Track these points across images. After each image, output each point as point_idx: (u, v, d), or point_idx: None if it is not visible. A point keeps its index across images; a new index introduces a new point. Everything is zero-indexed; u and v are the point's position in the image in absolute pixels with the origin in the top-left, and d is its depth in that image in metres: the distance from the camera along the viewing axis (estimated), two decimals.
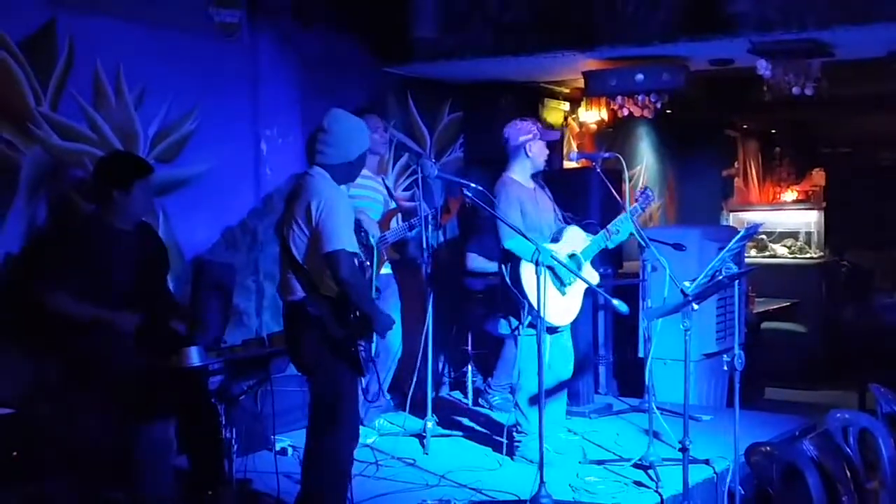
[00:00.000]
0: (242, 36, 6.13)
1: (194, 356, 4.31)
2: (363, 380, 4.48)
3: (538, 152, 5.53)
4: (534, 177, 5.60)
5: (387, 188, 6.12)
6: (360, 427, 4.81)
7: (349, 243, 4.16)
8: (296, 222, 4.24)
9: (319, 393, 4.35)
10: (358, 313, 4.22)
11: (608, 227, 5.42)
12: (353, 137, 4.35)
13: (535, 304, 4.84)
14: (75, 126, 5.24)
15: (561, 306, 5.32)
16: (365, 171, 5.91)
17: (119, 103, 5.44)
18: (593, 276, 5.45)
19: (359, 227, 5.47)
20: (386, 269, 6.02)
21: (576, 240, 5.45)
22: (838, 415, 4.68)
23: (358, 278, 4.21)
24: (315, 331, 4.24)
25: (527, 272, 5.10)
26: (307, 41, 6.58)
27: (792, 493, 4.15)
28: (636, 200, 5.50)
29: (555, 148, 5.71)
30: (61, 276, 4.48)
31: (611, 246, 5.53)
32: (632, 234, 5.39)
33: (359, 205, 5.86)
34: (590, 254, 5.45)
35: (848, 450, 4.41)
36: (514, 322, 5.28)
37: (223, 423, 4.57)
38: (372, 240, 5.56)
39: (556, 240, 5.41)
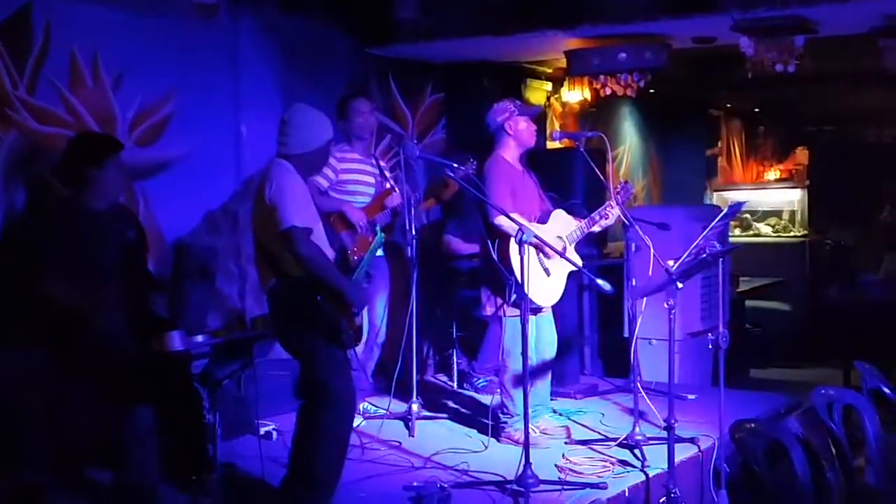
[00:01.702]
0: (221, 18, 6.06)
1: (176, 340, 4.28)
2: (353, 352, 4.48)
3: (521, 130, 5.46)
4: (521, 160, 5.56)
5: (380, 168, 6.06)
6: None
7: (300, 220, 4.19)
8: (256, 210, 4.34)
9: (307, 372, 4.38)
10: (326, 289, 4.23)
11: (592, 215, 5.41)
12: (312, 128, 4.43)
13: (520, 282, 4.81)
14: (52, 110, 5.19)
15: (545, 287, 5.30)
16: (354, 155, 5.90)
17: (96, 87, 5.40)
18: (576, 261, 5.44)
19: (351, 224, 5.42)
20: (379, 252, 5.96)
21: (562, 223, 5.43)
22: (823, 391, 4.70)
23: (316, 252, 4.22)
24: (290, 313, 4.30)
25: (515, 249, 5.07)
26: (288, 23, 6.51)
27: (777, 470, 4.17)
28: (617, 193, 5.46)
29: (538, 128, 5.66)
30: (49, 263, 4.43)
31: (597, 230, 5.52)
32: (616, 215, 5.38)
33: (349, 188, 5.83)
34: (574, 238, 5.44)
35: (833, 426, 4.43)
36: (500, 301, 5.26)
37: (207, 407, 4.55)
38: (379, 232, 5.50)
39: (542, 222, 5.39)
